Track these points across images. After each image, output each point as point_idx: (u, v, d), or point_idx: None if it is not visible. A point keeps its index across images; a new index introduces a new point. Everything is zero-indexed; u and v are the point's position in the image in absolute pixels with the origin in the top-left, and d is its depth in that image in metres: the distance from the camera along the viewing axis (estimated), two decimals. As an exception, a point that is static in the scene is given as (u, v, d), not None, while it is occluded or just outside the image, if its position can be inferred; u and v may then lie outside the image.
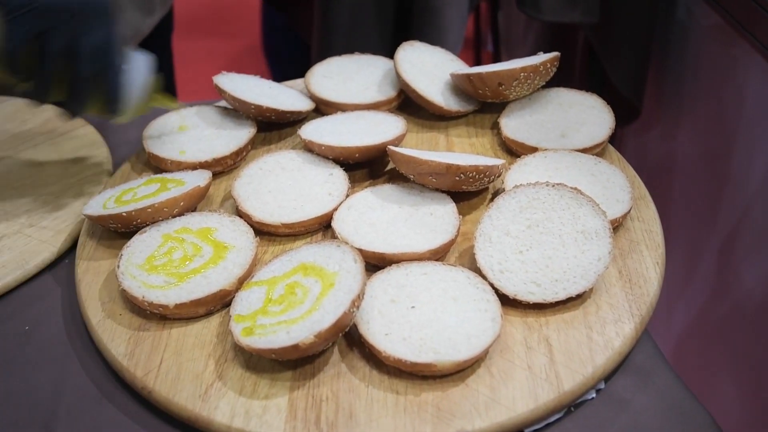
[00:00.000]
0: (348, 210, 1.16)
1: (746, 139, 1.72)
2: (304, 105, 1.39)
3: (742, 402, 1.81)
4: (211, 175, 1.22)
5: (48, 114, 1.50)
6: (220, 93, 1.34)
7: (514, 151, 1.29)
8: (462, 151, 1.32)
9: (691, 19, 1.89)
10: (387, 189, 1.20)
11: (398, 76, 1.37)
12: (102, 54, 1.11)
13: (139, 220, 1.13)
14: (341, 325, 0.92)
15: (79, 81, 1.11)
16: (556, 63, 1.31)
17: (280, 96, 1.38)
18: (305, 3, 2.16)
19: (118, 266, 1.07)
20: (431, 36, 1.98)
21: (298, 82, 1.51)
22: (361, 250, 1.05)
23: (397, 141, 1.26)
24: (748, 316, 1.75)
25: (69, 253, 1.21)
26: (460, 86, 1.37)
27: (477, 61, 3.56)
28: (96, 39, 1.09)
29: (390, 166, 1.29)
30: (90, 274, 1.12)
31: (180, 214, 1.16)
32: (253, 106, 1.32)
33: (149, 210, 1.13)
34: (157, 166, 1.31)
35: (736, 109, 1.76)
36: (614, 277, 1.05)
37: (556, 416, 0.92)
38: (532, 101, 1.35)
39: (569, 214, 1.07)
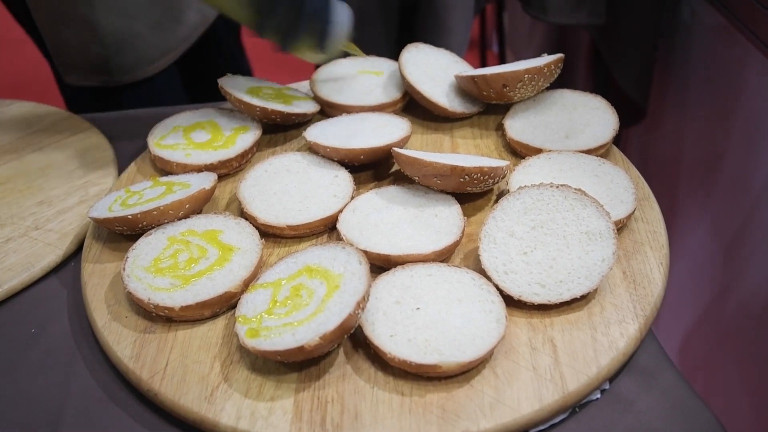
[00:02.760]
0: (353, 212, 1.16)
1: (751, 140, 1.72)
2: (309, 107, 1.39)
3: (747, 402, 1.81)
4: (216, 177, 1.22)
5: (53, 117, 1.50)
6: (225, 95, 1.34)
7: (518, 152, 1.29)
8: (466, 152, 1.32)
9: (695, 20, 1.89)
10: (392, 191, 1.20)
11: (403, 77, 1.37)
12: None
13: (144, 223, 1.14)
14: (346, 326, 0.92)
15: (302, 17, 1.21)
16: (560, 64, 1.31)
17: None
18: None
19: (124, 269, 1.07)
20: (436, 37, 1.98)
21: (303, 84, 1.51)
22: (366, 252, 1.05)
23: (402, 143, 1.26)
24: (753, 316, 1.75)
25: (75, 255, 1.21)
26: (465, 88, 1.37)
27: (482, 63, 3.56)
28: None
29: (395, 167, 1.30)
30: (96, 277, 1.12)
31: (185, 217, 1.17)
32: (258, 109, 1.32)
33: (155, 212, 1.13)
34: (162, 168, 1.31)
35: (740, 109, 1.76)
36: (618, 278, 1.05)
37: (561, 417, 0.92)
38: (537, 103, 1.36)
39: (573, 215, 1.07)
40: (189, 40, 1.73)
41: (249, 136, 1.33)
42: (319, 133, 1.30)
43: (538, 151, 1.25)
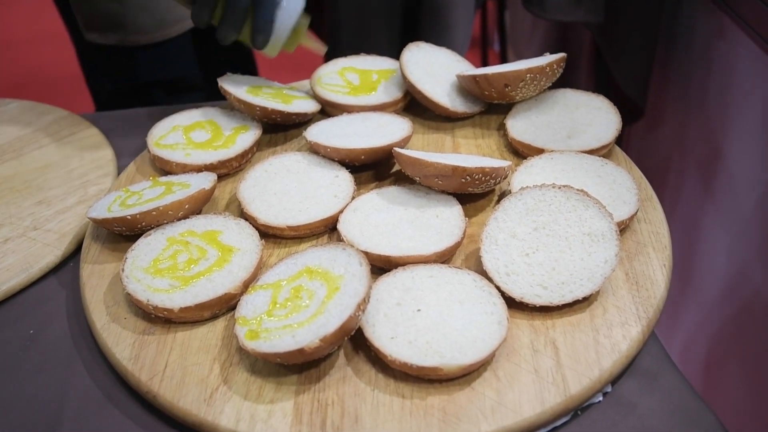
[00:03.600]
0: (353, 212, 1.15)
1: (752, 139, 1.71)
2: (310, 107, 1.39)
3: (750, 404, 1.80)
4: (216, 177, 1.21)
5: (53, 116, 1.50)
6: (225, 95, 1.34)
7: (520, 152, 1.29)
8: (468, 152, 1.32)
9: (697, 18, 1.89)
10: (393, 191, 1.19)
11: (404, 77, 1.36)
12: None
13: (144, 223, 1.13)
14: (347, 328, 0.92)
15: (237, 8, 1.23)
16: (562, 64, 1.31)
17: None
18: (317, 4, 2.16)
19: (123, 269, 1.07)
20: (438, 36, 1.98)
21: (304, 83, 1.51)
22: (366, 253, 1.04)
23: (403, 143, 1.26)
24: (756, 318, 1.75)
25: (73, 256, 1.21)
26: (467, 87, 1.37)
27: (484, 61, 3.56)
28: None
29: (396, 168, 1.29)
30: (94, 278, 1.12)
31: (185, 217, 1.16)
32: (258, 108, 1.32)
33: (154, 213, 1.12)
34: (161, 168, 1.31)
35: (741, 108, 1.76)
36: (621, 280, 1.04)
37: (563, 420, 0.91)
38: (539, 102, 1.35)
39: (576, 216, 1.06)
40: None
41: (249, 136, 1.32)
42: (319, 132, 1.29)
43: (540, 151, 1.24)
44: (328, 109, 1.41)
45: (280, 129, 1.41)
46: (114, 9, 1.68)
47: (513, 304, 1.00)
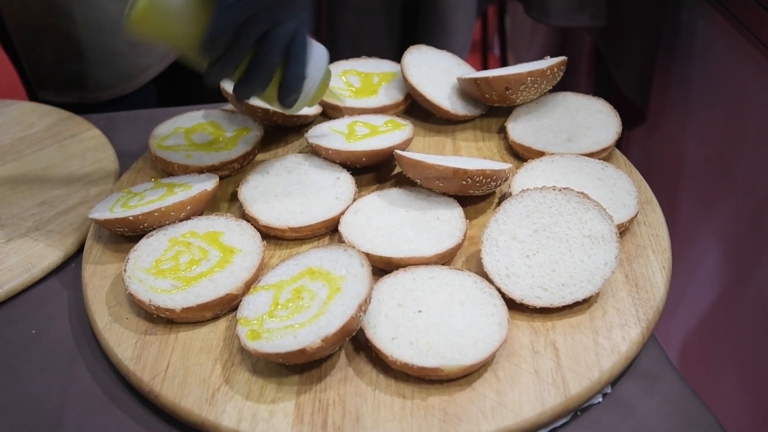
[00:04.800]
0: (355, 214, 1.16)
1: (753, 142, 1.72)
2: (311, 109, 1.39)
3: (749, 406, 1.81)
4: (217, 178, 1.22)
5: (54, 117, 1.50)
6: (227, 96, 1.34)
7: (520, 155, 1.29)
8: (469, 155, 1.32)
9: (697, 23, 1.89)
10: (394, 193, 1.20)
11: (405, 80, 1.37)
12: (294, 43, 1.09)
13: (146, 224, 1.13)
14: (348, 329, 0.92)
15: (265, 66, 1.09)
16: (563, 67, 1.31)
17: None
18: (316, 7, 2.16)
19: (125, 270, 1.07)
20: (438, 40, 1.98)
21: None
22: (368, 254, 1.05)
23: (404, 145, 1.26)
24: (755, 320, 1.75)
25: (75, 256, 1.21)
26: (467, 90, 1.37)
27: (484, 65, 3.56)
28: (291, 27, 1.08)
29: (397, 170, 1.29)
30: (96, 278, 1.12)
31: (187, 218, 1.16)
32: (260, 110, 1.32)
33: (156, 214, 1.13)
34: (163, 169, 1.31)
35: (742, 112, 1.76)
36: (621, 282, 1.05)
37: (563, 420, 0.92)
38: (539, 105, 1.35)
39: (576, 219, 1.07)
40: (169, 57, 1.72)
41: (250, 138, 1.32)
42: (320, 134, 1.30)
43: (540, 154, 1.24)
44: (329, 112, 1.42)
45: (281, 131, 1.41)
46: (72, 68, 1.64)
47: (513, 306, 1.01)
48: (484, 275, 1.03)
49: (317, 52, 1.16)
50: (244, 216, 1.18)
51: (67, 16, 1.54)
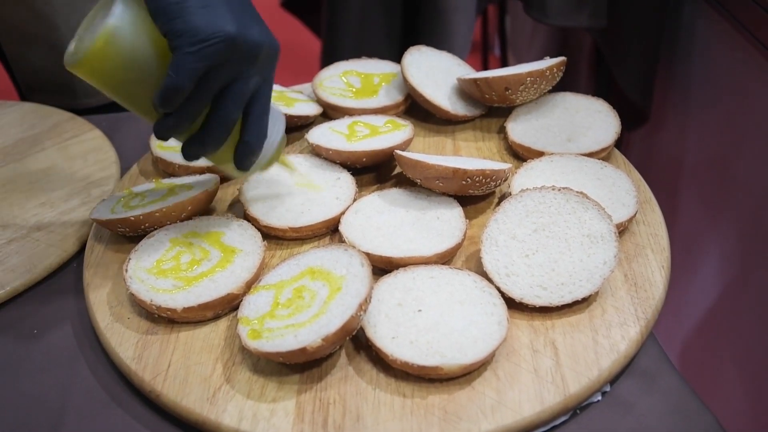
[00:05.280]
0: (355, 214, 1.16)
1: (753, 143, 1.72)
2: (312, 110, 1.40)
3: (748, 404, 1.81)
4: (218, 179, 1.22)
5: (56, 118, 1.50)
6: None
7: (520, 155, 1.29)
8: (469, 155, 1.32)
9: (697, 24, 1.89)
10: (394, 193, 1.20)
11: (405, 80, 1.37)
12: (256, 101, 1.01)
13: (147, 225, 1.14)
14: (348, 328, 0.93)
15: (222, 123, 0.98)
16: (562, 68, 1.32)
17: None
18: (316, 8, 2.17)
19: (126, 270, 1.08)
20: (439, 40, 1.98)
21: (306, 86, 1.52)
22: (368, 254, 1.05)
23: (405, 145, 1.27)
24: (754, 319, 1.75)
25: (77, 257, 1.21)
26: (467, 91, 1.38)
27: (484, 65, 3.56)
28: (255, 83, 0.98)
29: (397, 170, 1.30)
30: (98, 278, 1.13)
31: (188, 218, 1.17)
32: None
33: (157, 214, 1.13)
34: (164, 170, 1.31)
35: (742, 112, 1.76)
36: (620, 281, 1.05)
37: (562, 419, 0.92)
38: (539, 106, 1.36)
39: (575, 218, 1.07)
40: None
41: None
42: (321, 135, 1.30)
43: (540, 154, 1.25)
44: (329, 112, 1.42)
45: (282, 132, 1.42)
46: (60, 74, 1.52)
47: (513, 305, 1.01)
48: (484, 275, 1.04)
49: (275, 112, 1.10)
50: (245, 216, 1.19)
51: (52, 24, 1.54)
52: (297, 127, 1.41)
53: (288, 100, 1.40)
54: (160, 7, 0.89)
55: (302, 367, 0.97)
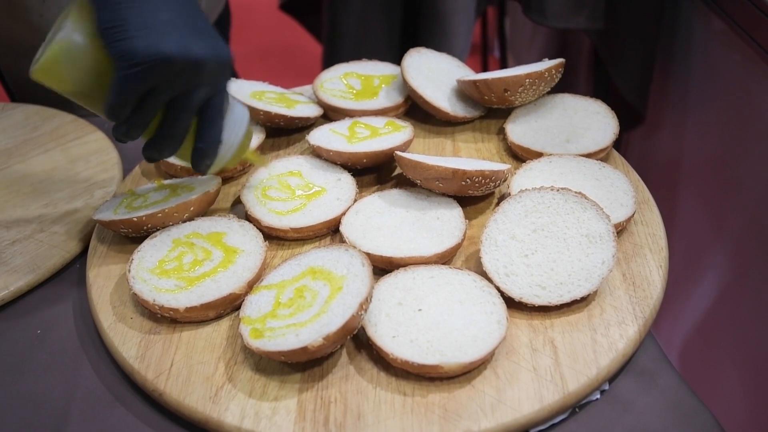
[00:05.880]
0: (356, 214, 1.17)
1: (750, 144, 1.73)
2: (313, 111, 1.40)
3: (746, 403, 1.81)
4: (220, 180, 1.23)
5: (58, 120, 1.51)
6: None
7: (519, 156, 1.30)
8: (468, 156, 1.33)
9: (695, 25, 1.90)
10: (394, 194, 1.21)
11: (405, 82, 1.38)
12: (208, 108, 1.03)
13: (149, 225, 1.15)
14: (349, 327, 0.93)
15: (172, 131, 1.02)
16: (561, 69, 1.33)
17: None
18: (317, 9, 2.17)
19: (129, 270, 1.08)
20: (438, 42, 1.99)
21: (307, 88, 1.52)
22: (368, 254, 1.06)
23: (405, 146, 1.27)
24: (752, 318, 1.76)
25: (80, 257, 1.22)
26: (467, 92, 1.38)
27: (484, 67, 3.57)
28: (204, 94, 1.01)
29: (397, 171, 1.31)
30: (101, 279, 1.13)
31: (190, 219, 1.18)
32: (262, 113, 1.33)
33: (160, 215, 1.14)
34: (166, 171, 1.32)
35: (740, 113, 1.77)
36: (618, 280, 1.06)
37: (561, 417, 0.93)
38: (538, 107, 1.36)
39: (574, 218, 1.08)
40: None
41: (252, 140, 1.33)
42: (322, 136, 1.31)
43: (538, 154, 1.26)
44: (330, 114, 1.43)
45: (283, 133, 1.42)
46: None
47: (512, 304, 1.02)
48: (484, 274, 1.04)
49: (237, 113, 1.10)
50: (247, 217, 1.19)
51: (45, 36, 1.53)
52: (298, 128, 1.42)
53: (289, 102, 1.40)
54: (103, 29, 0.93)
55: (304, 366, 0.98)
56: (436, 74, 1.42)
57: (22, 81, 1.63)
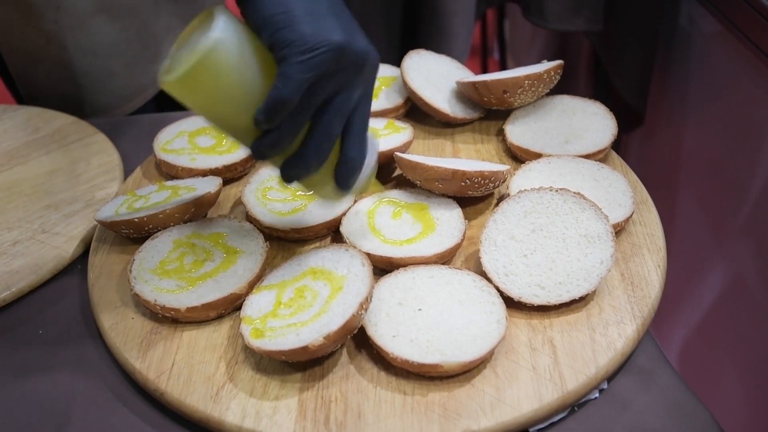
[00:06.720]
0: (356, 215, 1.17)
1: (748, 145, 1.73)
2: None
3: (744, 402, 1.82)
4: (221, 181, 1.24)
5: (60, 122, 1.52)
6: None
7: (518, 157, 1.30)
8: (468, 157, 1.33)
9: (693, 27, 1.90)
10: (394, 194, 1.22)
11: (405, 83, 1.38)
12: (358, 116, 0.96)
13: (150, 226, 1.15)
14: (350, 327, 0.94)
15: (325, 138, 0.93)
16: (559, 71, 1.33)
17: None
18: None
19: (131, 271, 1.09)
20: (438, 44, 1.99)
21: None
22: (368, 254, 1.06)
23: (404, 148, 1.28)
24: (753, 320, 1.76)
25: (82, 258, 1.23)
26: (466, 94, 1.39)
27: (484, 69, 3.57)
28: (359, 95, 0.94)
29: (397, 172, 1.31)
30: (102, 279, 1.14)
31: (191, 220, 1.18)
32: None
33: (161, 216, 1.14)
34: (168, 172, 1.33)
35: (737, 115, 1.77)
36: (617, 280, 1.06)
37: (560, 416, 0.93)
38: (537, 108, 1.37)
39: (572, 219, 1.08)
40: None
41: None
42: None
43: (538, 155, 1.26)
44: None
45: (283, 134, 1.43)
46: (67, 91, 1.61)
47: (511, 304, 1.02)
48: (483, 274, 1.05)
49: (371, 136, 1.02)
50: (248, 218, 1.20)
51: (60, 44, 1.54)
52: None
53: None
54: (266, 17, 0.87)
55: (304, 365, 0.98)
56: (435, 76, 1.43)
57: (33, 88, 1.63)
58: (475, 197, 1.21)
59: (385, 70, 1.50)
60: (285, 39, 0.86)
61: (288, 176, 0.95)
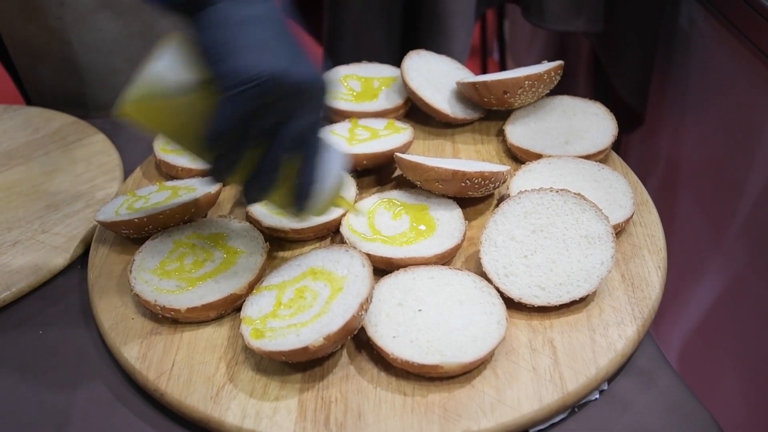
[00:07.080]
0: (356, 215, 1.17)
1: (748, 145, 1.73)
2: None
3: (744, 403, 1.82)
4: (221, 181, 1.23)
5: (60, 122, 1.52)
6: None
7: (518, 157, 1.30)
8: (468, 157, 1.33)
9: (693, 28, 1.90)
10: (394, 195, 1.21)
11: (405, 84, 1.38)
12: (307, 140, 0.95)
13: (150, 226, 1.15)
14: (350, 328, 0.94)
15: (271, 167, 0.94)
16: (560, 71, 1.33)
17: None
18: (317, 11, 2.17)
19: (131, 271, 1.09)
20: (438, 44, 1.99)
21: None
22: (369, 255, 1.06)
23: (405, 148, 1.28)
24: (753, 321, 1.76)
25: (81, 258, 1.23)
26: (466, 94, 1.39)
27: (483, 69, 3.57)
28: (306, 122, 0.93)
29: (397, 172, 1.31)
30: (102, 279, 1.14)
31: (191, 220, 1.18)
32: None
33: (161, 216, 1.14)
34: (168, 173, 1.33)
35: (737, 116, 1.77)
36: (617, 281, 1.06)
37: (560, 417, 0.93)
38: (537, 109, 1.37)
39: (573, 219, 1.08)
40: None
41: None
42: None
43: (538, 156, 1.26)
44: (330, 116, 1.43)
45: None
46: (71, 88, 1.63)
47: (512, 305, 1.02)
48: (483, 275, 1.05)
49: (332, 155, 1.02)
50: (248, 218, 1.20)
51: (65, 40, 1.55)
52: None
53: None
54: (205, 48, 0.88)
55: (304, 366, 0.98)
56: (435, 76, 1.43)
57: (38, 85, 1.64)
58: (475, 198, 1.21)
59: (385, 70, 1.50)
60: (219, 72, 0.87)
61: (248, 199, 0.98)
